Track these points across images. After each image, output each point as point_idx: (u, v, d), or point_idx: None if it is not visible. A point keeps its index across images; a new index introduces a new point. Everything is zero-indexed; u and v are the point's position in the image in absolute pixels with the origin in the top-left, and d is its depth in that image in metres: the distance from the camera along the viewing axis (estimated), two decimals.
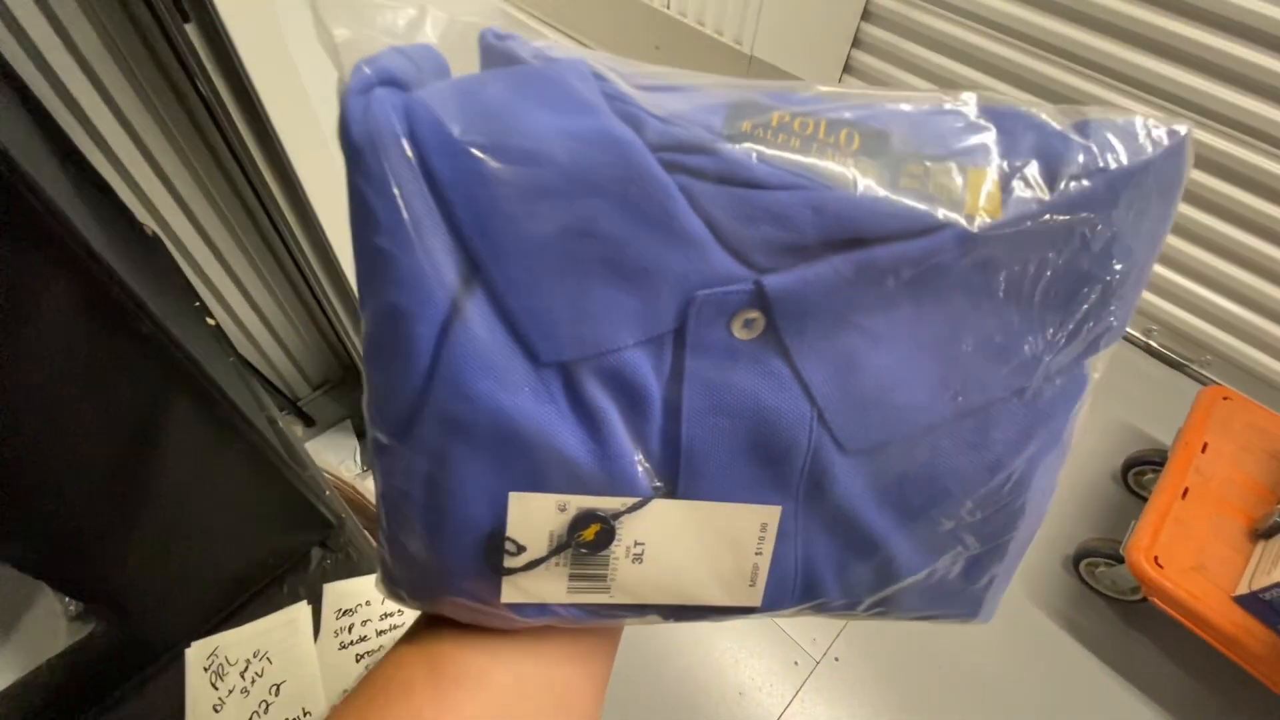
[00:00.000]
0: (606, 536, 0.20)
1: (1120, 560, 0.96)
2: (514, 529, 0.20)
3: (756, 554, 0.21)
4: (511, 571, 0.20)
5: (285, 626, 0.47)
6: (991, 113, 0.19)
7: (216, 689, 0.44)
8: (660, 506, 0.20)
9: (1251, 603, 0.86)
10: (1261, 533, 0.91)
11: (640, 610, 0.22)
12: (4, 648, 0.40)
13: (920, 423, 0.20)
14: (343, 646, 0.47)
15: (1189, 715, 0.98)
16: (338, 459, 1.13)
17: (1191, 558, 0.92)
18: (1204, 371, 1.39)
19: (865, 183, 0.18)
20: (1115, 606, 1.07)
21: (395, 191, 0.17)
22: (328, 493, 0.54)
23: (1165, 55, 1.17)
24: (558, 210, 0.17)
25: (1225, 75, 1.13)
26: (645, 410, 0.20)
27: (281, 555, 0.50)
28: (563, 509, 0.20)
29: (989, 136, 0.19)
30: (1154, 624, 1.04)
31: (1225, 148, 1.17)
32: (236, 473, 0.45)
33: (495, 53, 0.19)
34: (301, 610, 0.48)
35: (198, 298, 0.68)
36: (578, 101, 0.17)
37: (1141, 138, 0.19)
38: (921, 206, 0.18)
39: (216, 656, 0.46)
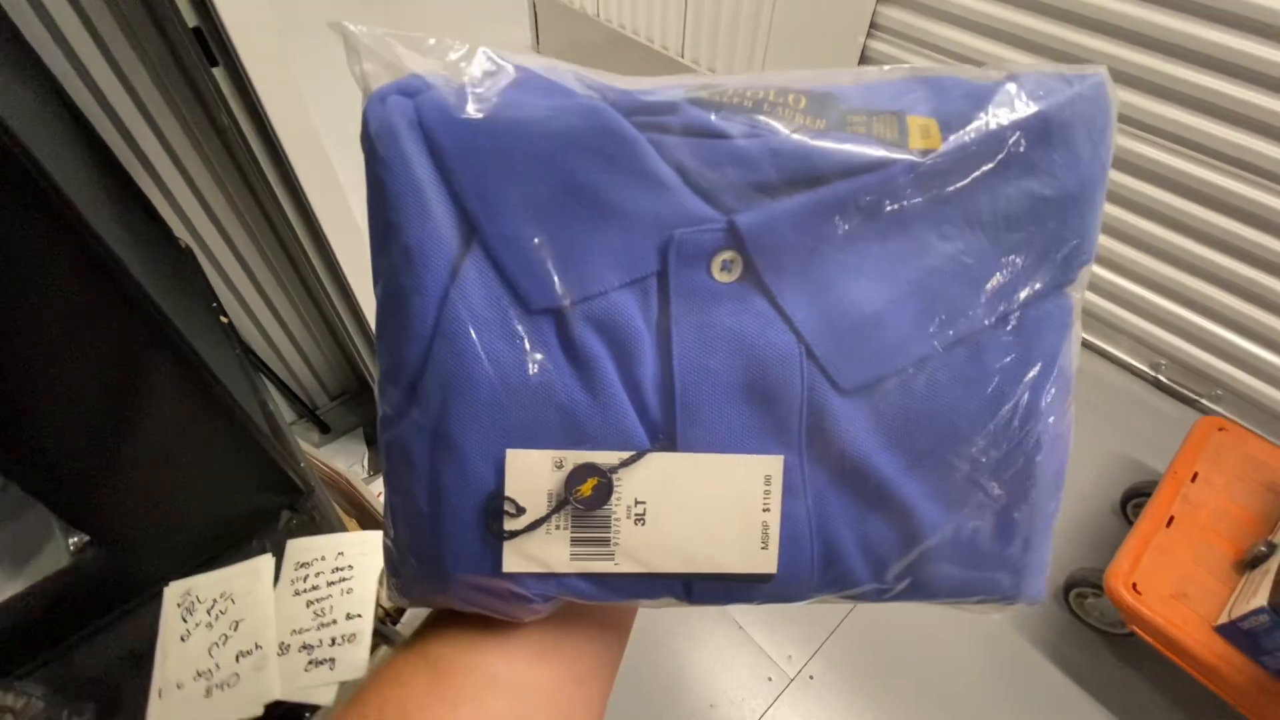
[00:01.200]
0: (604, 491, 0.20)
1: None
2: (512, 488, 0.20)
3: (764, 510, 0.21)
4: (513, 535, 0.20)
5: (250, 574, 0.54)
6: (922, 79, 0.22)
7: (186, 622, 0.51)
8: (659, 460, 0.20)
9: (1231, 632, 0.84)
10: (1247, 563, 0.89)
11: (651, 583, 0.21)
12: (14, 565, 0.48)
13: (911, 353, 0.20)
14: (296, 593, 0.53)
15: None
16: (347, 463, 1.22)
17: (1172, 586, 0.90)
18: (1214, 407, 1.35)
19: (815, 130, 0.20)
20: (1104, 640, 1.04)
21: (403, 168, 0.20)
22: (302, 464, 0.61)
23: (1180, 56, 1.18)
24: (543, 168, 0.20)
25: (1232, 118, 1.14)
26: (636, 353, 0.20)
27: (255, 514, 0.58)
28: (559, 465, 0.20)
29: (922, 92, 0.21)
30: (1143, 659, 1.01)
31: (1229, 185, 1.17)
32: (219, 439, 0.53)
33: (492, 70, 0.22)
34: (265, 561, 0.55)
35: (215, 299, 0.78)
36: (558, 87, 0.21)
37: (1063, 80, 0.21)
38: (868, 146, 0.20)
39: (189, 595, 0.53)
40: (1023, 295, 0.21)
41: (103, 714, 0.48)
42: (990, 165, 0.20)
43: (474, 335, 0.19)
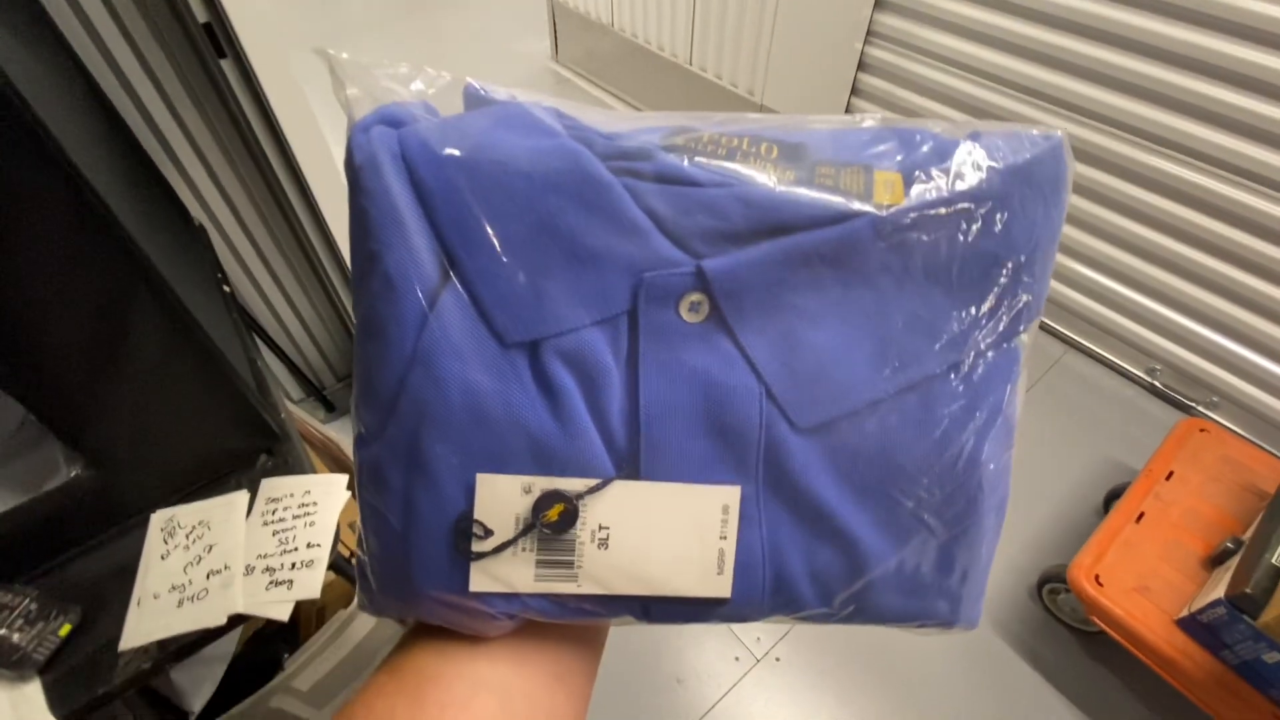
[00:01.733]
0: (570, 517, 0.21)
1: None
2: (481, 511, 0.21)
3: (721, 538, 0.22)
4: (480, 556, 0.21)
5: (225, 506, 0.60)
6: (893, 129, 0.23)
7: (166, 544, 0.57)
8: (623, 488, 0.21)
9: (1191, 626, 0.84)
10: (1214, 559, 0.89)
11: (611, 604, 0.22)
12: (18, 483, 0.55)
13: (863, 397, 0.21)
14: (265, 524, 0.59)
15: None
16: (348, 441, 1.29)
17: (1135, 579, 0.90)
18: (1210, 414, 1.34)
19: (785, 181, 0.21)
20: (1077, 636, 1.04)
21: (386, 199, 0.20)
22: (283, 415, 0.67)
23: (1175, 63, 1.19)
24: (521, 208, 0.21)
25: (1229, 124, 1.15)
26: (605, 387, 0.21)
27: (235, 455, 0.64)
28: (528, 490, 0.21)
29: (890, 145, 0.22)
30: (1114, 656, 1.01)
31: (1224, 190, 1.17)
32: (204, 383, 0.59)
33: (476, 100, 0.24)
34: (241, 496, 0.61)
35: (221, 270, 0.85)
36: (539, 127, 0.22)
37: (1023, 141, 0.22)
38: (835, 198, 0.21)
39: (172, 521, 0.59)
40: (973, 347, 0.22)
41: (88, 615, 0.54)
42: (948, 223, 0.21)
43: (450, 364, 0.20)
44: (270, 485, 0.62)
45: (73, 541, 0.57)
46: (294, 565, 0.57)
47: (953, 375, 0.22)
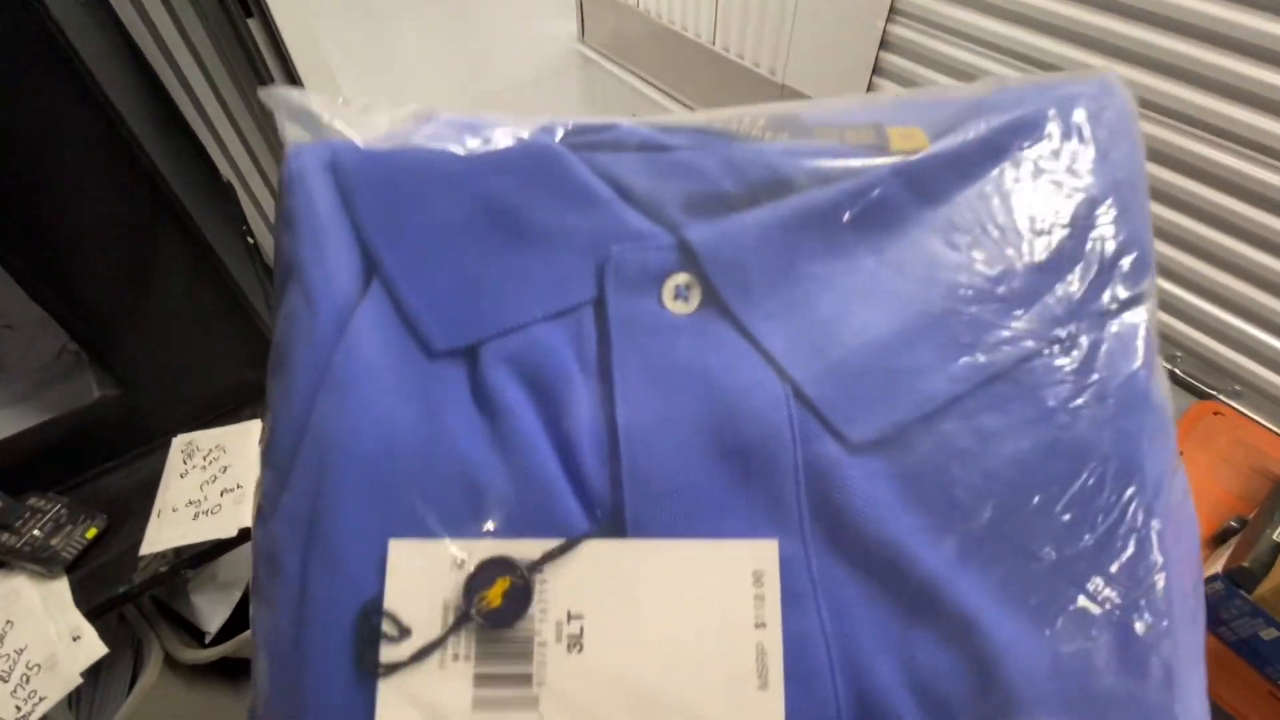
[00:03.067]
0: (521, 598, 0.15)
1: None
2: (396, 598, 0.15)
3: (758, 626, 0.15)
4: (392, 669, 0.15)
5: (241, 433, 0.64)
6: (904, 100, 0.18)
7: (186, 464, 0.62)
8: (600, 550, 0.15)
9: None
10: (1217, 538, 0.88)
11: None
12: (51, 400, 0.60)
13: (939, 389, 0.16)
14: None
15: None
16: None
17: None
18: (1231, 402, 1.31)
19: (779, 143, 0.16)
20: None
21: (307, 209, 0.17)
22: None
23: (1213, 41, 1.16)
24: (457, 192, 0.17)
25: (1259, 103, 1.12)
26: (566, 401, 0.16)
27: (251, 387, 0.68)
28: (461, 563, 0.15)
29: (900, 107, 0.18)
30: None
31: (1255, 173, 1.14)
32: (225, 317, 0.63)
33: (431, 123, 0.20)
34: (255, 424, 0.65)
35: (246, 223, 0.89)
36: (483, 125, 0.18)
37: (1064, 84, 0.18)
38: (844, 151, 0.16)
39: (191, 444, 0.63)
40: (1077, 314, 0.16)
41: (113, 522, 0.58)
42: (995, 163, 0.16)
43: (361, 387, 0.16)
44: None
45: (102, 458, 0.62)
46: None
47: (1058, 351, 0.16)
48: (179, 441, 0.64)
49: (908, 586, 0.15)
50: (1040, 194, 0.17)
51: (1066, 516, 0.15)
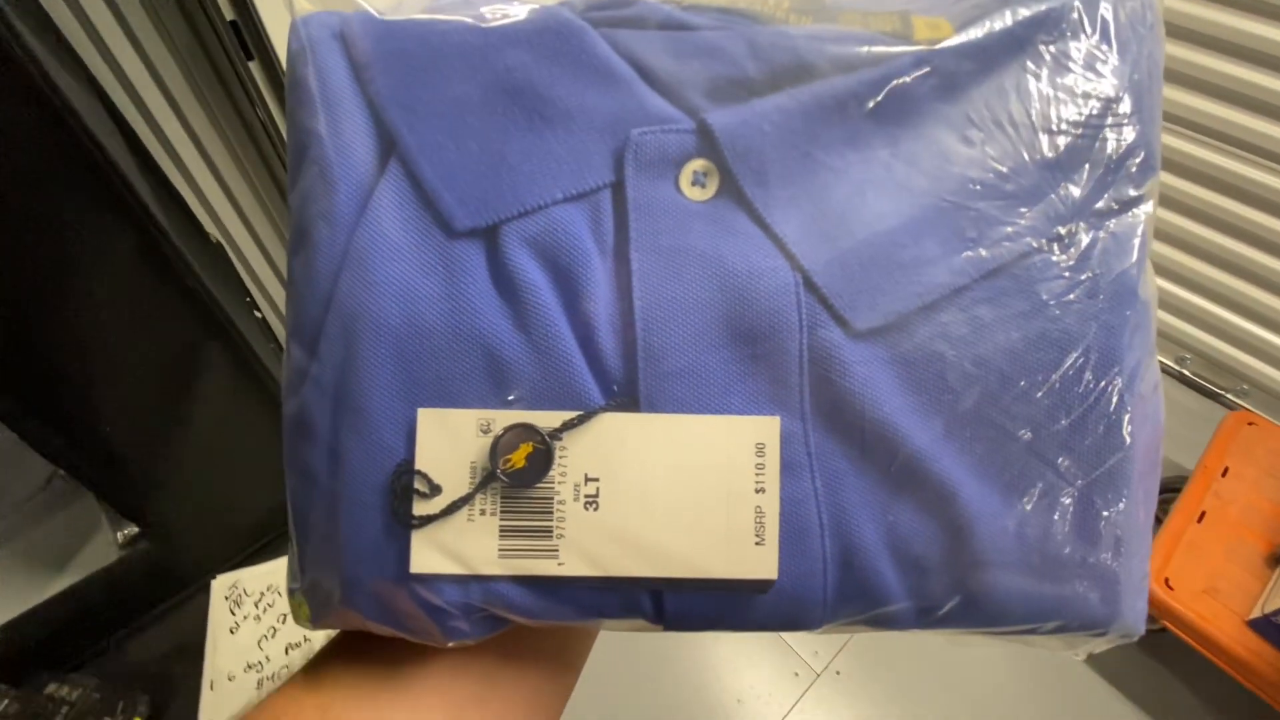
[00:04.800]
0: (542, 461, 0.16)
1: None
2: (426, 460, 0.16)
3: (758, 492, 0.16)
4: (424, 521, 0.16)
5: None
6: None
7: (234, 614, 0.51)
8: (615, 422, 0.16)
9: (1264, 626, 0.83)
10: (1277, 557, 0.89)
11: (609, 594, 0.17)
12: (63, 559, 0.49)
13: (940, 282, 0.16)
14: None
15: None
16: None
17: (1204, 581, 0.89)
18: (1240, 401, 1.34)
19: (802, 26, 0.17)
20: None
21: (318, 81, 0.17)
22: None
23: (1211, 47, 1.18)
24: (474, 66, 0.17)
25: (1256, 106, 1.13)
26: (585, 282, 0.16)
27: None
28: (486, 429, 0.16)
29: (930, 2, 0.18)
30: (1174, 655, 1.01)
31: (1254, 175, 1.16)
32: (264, 429, 0.53)
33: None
34: None
35: (249, 294, 0.78)
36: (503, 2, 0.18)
37: None
38: (867, 38, 0.17)
39: (236, 588, 0.53)
40: (1075, 211, 0.17)
41: (157, 704, 0.48)
42: (1017, 58, 0.17)
43: (384, 264, 0.16)
44: None
45: (126, 618, 0.51)
46: None
47: (1056, 249, 0.17)
48: (220, 585, 0.53)
49: (895, 460, 0.16)
50: (1057, 91, 0.17)
51: (1047, 401, 0.16)
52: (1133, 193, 0.18)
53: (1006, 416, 0.17)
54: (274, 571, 0.54)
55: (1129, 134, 0.17)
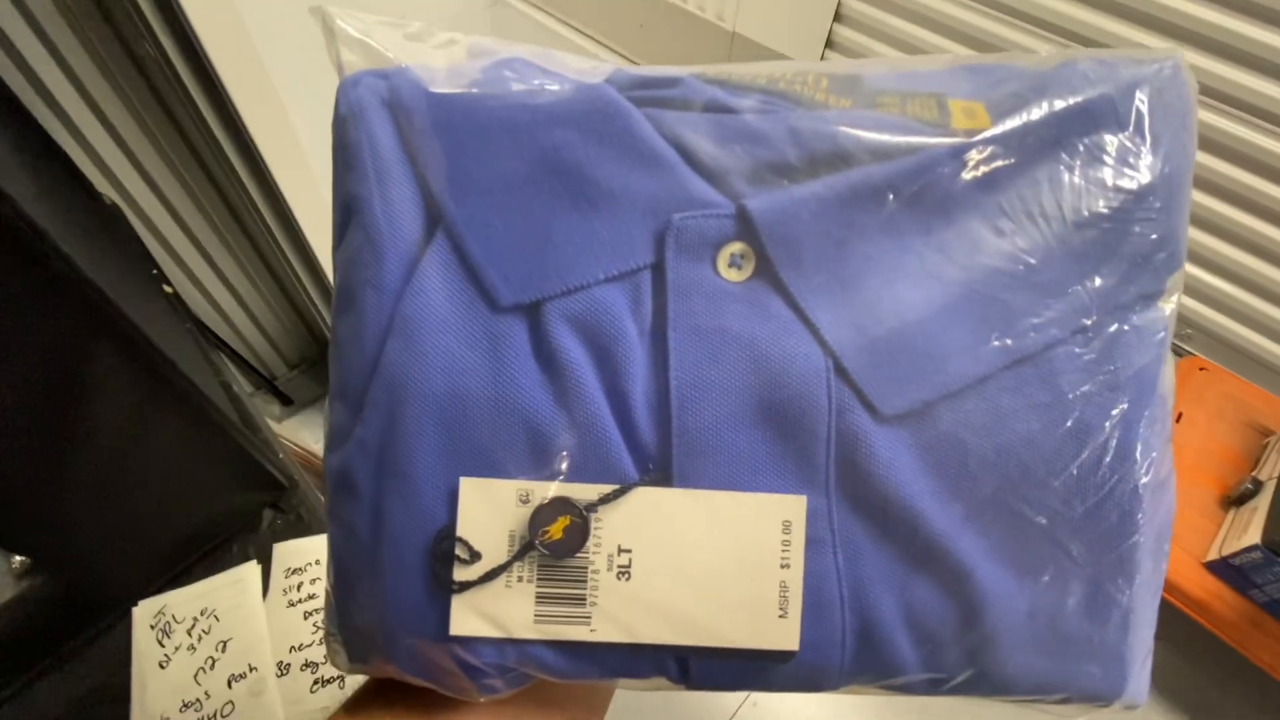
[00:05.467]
0: (579, 534, 0.17)
1: None
2: (467, 527, 0.17)
3: (783, 567, 0.17)
4: (464, 587, 0.17)
5: (233, 585, 0.47)
6: (966, 66, 0.19)
7: (163, 646, 0.45)
8: (649, 497, 0.17)
9: (1221, 568, 0.87)
10: (1233, 500, 0.92)
11: (637, 658, 0.17)
12: None
13: (966, 372, 0.17)
14: (291, 604, 0.47)
15: (1162, 682, 0.99)
16: (314, 436, 1.13)
17: None
18: (1186, 346, 1.39)
19: (841, 109, 0.17)
20: None
21: (368, 148, 0.17)
22: (281, 455, 0.54)
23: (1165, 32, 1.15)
24: (521, 144, 0.17)
25: (1227, 52, 1.12)
26: (624, 360, 0.17)
27: (231, 515, 0.50)
28: (525, 500, 0.17)
29: (966, 78, 0.18)
30: None
31: (1212, 121, 1.16)
32: (180, 432, 0.45)
33: (485, 54, 0.20)
34: (250, 569, 0.48)
35: (155, 266, 0.67)
36: (546, 70, 0.18)
37: (1129, 64, 0.18)
38: (904, 126, 0.17)
39: (164, 615, 0.46)
40: (1102, 306, 0.17)
41: None
42: (1052, 151, 0.17)
43: (430, 335, 0.17)
44: (287, 551, 0.49)
45: (27, 660, 0.44)
46: None
47: (1080, 342, 0.17)
48: (144, 613, 0.46)
49: (916, 540, 0.17)
50: (1089, 184, 0.17)
51: (1063, 490, 0.17)
52: (1156, 287, 0.18)
53: (1024, 503, 0.17)
54: (207, 593, 0.47)
55: (1157, 229, 0.18)
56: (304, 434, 1.16)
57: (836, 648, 0.17)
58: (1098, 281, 0.17)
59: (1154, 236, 0.18)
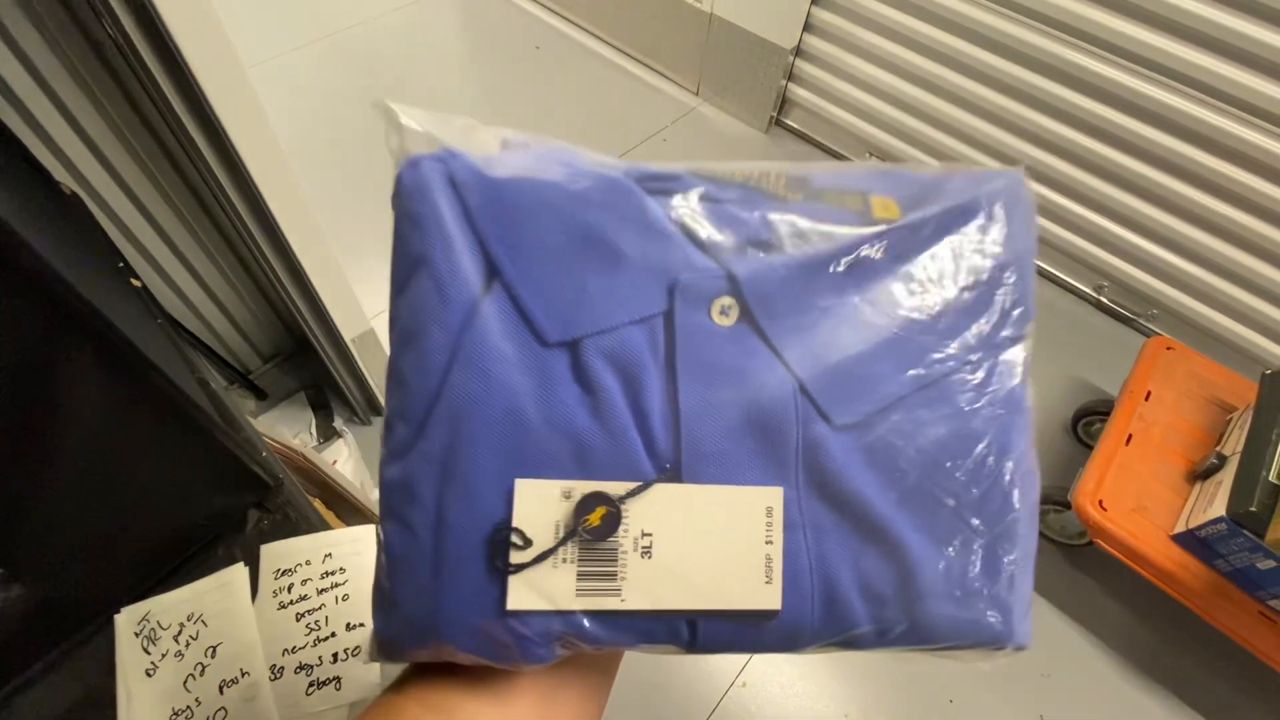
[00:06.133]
0: (613, 521, 0.21)
1: (1068, 506, 0.99)
2: (521, 519, 0.20)
3: (767, 542, 0.21)
4: (520, 567, 0.20)
5: (220, 589, 0.46)
6: (881, 171, 0.26)
7: (149, 653, 0.43)
8: (664, 491, 0.21)
9: (1188, 540, 0.90)
10: (1199, 474, 0.95)
11: (656, 624, 0.21)
12: None
13: (891, 392, 0.22)
14: (282, 606, 0.46)
15: (1130, 649, 1.03)
16: (292, 431, 1.11)
17: (1133, 500, 0.95)
18: (1150, 325, 1.43)
19: (795, 201, 0.23)
20: (1062, 550, 1.11)
21: (434, 215, 0.21)
22: (264, 454, 0.52)
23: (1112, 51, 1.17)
24: (560, 219, 0.22)
25: (1185, 33, 1.14)
26: (645, 385, 0.21)
27: (215, 517, 0.49)
28: (568, 495, 0.21)
29: (881, 180, 0.25)
30: (1098, 566, 1.09)
31: (1175, 103, 1.19)
32: (159, 433, 0.44)
33: (515, 147, 0.24)
34: (237, 572, 0.47)
35: (122, 259, 0.64)
36: (574, 162, 0.23)
37: (991, 175, 0.25)
38: (840, 215, 0.23)
39: (148, 621, 0.44)
40: (982, 345, 0.23)
41: None
42: (941, 236, 0.24)
43: (492, 365, 0.21)
44: (275, 553, 0.48)
45: (11, 673, 0.42)
46: (335, 656, 0.45)
47: (969, 370, 0.23)
48: (127, 620, 0.44)
49: (864, 521, 0.22)
50: (969, 259, 0.24)
51: (964, 479, 0.23)
52: (1017, 332, 0.24)
53: (938, 489, 0.22)
54: (193, 597, 0.46)
55: (1014, 292, 0.24)
56: (280, 428, 1.13)
57: (808, 607, 0.22)
58: (978, 328, 0.23)
59: (1012, 298, 0.24)
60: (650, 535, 0.21)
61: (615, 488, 0.21)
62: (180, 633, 0.44)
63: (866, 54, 1.49)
